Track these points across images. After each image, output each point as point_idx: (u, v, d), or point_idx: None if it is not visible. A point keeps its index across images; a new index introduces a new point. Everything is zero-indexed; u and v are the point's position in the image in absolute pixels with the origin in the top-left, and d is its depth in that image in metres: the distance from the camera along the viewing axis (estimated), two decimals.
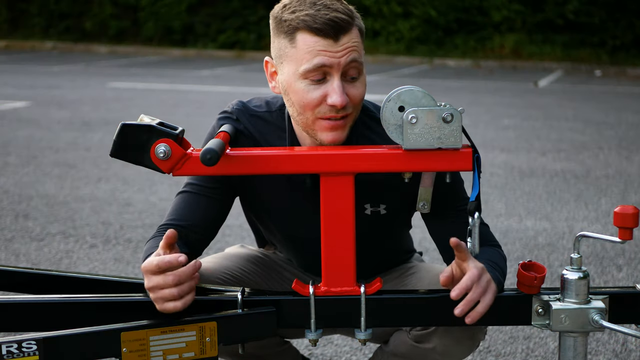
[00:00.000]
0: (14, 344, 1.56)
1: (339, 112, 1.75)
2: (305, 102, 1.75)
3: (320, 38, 1.71)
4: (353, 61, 1.74)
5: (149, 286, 1.64)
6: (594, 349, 3.01)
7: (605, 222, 4.79)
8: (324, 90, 1.74)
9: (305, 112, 1.77)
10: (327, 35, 1.71)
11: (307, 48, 1.72)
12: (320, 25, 1.71)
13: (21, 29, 19.55)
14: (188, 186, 1.90)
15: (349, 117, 1.78)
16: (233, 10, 18.24)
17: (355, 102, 1.77)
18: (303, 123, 1.80)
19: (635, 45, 16.09)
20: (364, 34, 1.81)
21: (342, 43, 1.72)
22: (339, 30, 1.72)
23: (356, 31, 1.76)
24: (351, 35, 1.74)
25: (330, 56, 1.72)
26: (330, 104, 1.73)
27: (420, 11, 17.06)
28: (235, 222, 4.31)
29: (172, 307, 1.64)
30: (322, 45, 1.71)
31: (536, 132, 8.00)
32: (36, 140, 7.15)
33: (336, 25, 1.71)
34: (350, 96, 1.76)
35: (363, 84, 1.79)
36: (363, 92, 1.79)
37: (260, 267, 2.10)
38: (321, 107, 1.75)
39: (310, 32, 1.71)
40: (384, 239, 2.02)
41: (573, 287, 1.70)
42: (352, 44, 1.74)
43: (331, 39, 1.71)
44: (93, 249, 4.16)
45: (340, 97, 1.72)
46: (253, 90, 10.40)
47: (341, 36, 1.72)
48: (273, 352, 2.16)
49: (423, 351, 1.95)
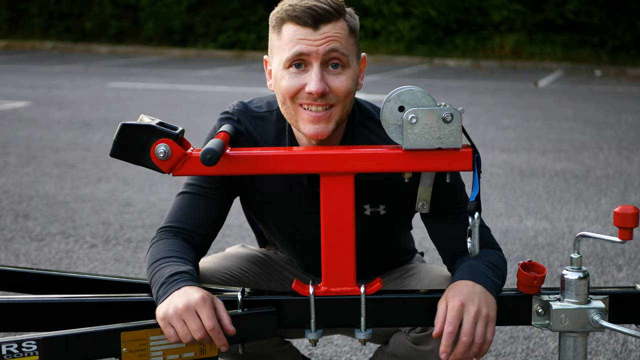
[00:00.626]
0: (14, 344, 1.56)
1: (317, 100, 1.75)
2: (285, 90, 1.76)
3: (299, 27, 1.74)
4: (333, 50, 1.74)
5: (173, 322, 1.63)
6: (594, 349, 3.01)
7: (605, 222, 4.79)
8: (304, 80, 1.75)
9: (287, 101, 1.78)
10: (306, 23, 1.73)
11: (289, 38, 1.75)
12: (298, 12, 1.73)
13: (21, 29, 19.55)
14: (188, 187, 1.90)
15: (334, 110, 1.77)
16: (233, 10, 18.24)
17: (338, 93, 1.76)
18: (287, 114, 1.81)
19: (635, 45, 16.09)
20: (354, 30, 1.80)
21: (322, 32, 1.73)
22: (318, 19, 1.73)
23: (342, 24, 1.76)
24: (334, 26, 1.74)
25: (308, 44, 1.73)
26: (307, 90, 1.74)
27: (420, 11, 17.06)
28: (235, 222, 4.31)
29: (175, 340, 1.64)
30: (302, 34, 1.74)
31: (536, 132, 8.00)
32: (36, 140, 7.15)
33: (314, 12, 1.73)
34: (332, 87, 1.75)
35: (350, 78, 1.77)
36: (348, 85, 1.77)
37: (261, 267, 2.10)
38: (301, 94, 1.76)
39: (292, 21, 1.74)
40: (383, 240, 2.02)
41: (573, 287, 1.70)
42: (334, 34, 1.74)
43: (310, 27, 1.73)
44: (93, 249, 4.16)
45: (317, 84, 1.73)
46: (253, 90, 10.40)
47: (321, 25, 1.73)
48: (273, 352, 2.16)
49: (422, 353, 1.95)
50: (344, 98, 1.77)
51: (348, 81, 1.77)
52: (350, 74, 1.78)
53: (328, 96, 1.75)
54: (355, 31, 1.80)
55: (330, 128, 1.78)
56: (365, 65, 1.88)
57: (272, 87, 1.85)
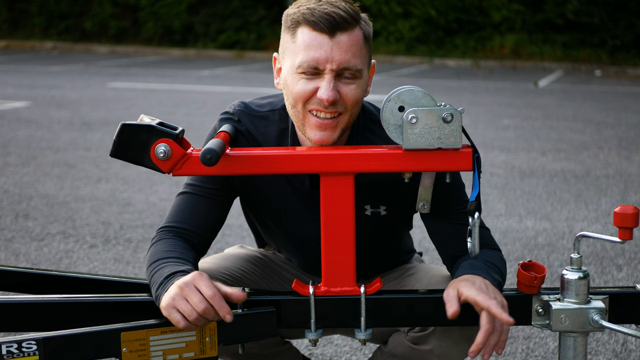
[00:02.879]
0: (14, 344, 1.56)
1: (328, 108, 1.75)
2: (297, 94, 1.76)
3: (317, 33, 1.73)
4: (347, 67, 1.73)
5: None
6: (594, 349, 3.01)
7: (605, 222, 4.79)
8: (316, 85, 1.75)
9: (297, 105, 1.78)
10: (322, 29, 1.72)
11: (304, 43, 1.74)
12: (316, 18, 1.72)
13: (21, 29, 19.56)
14: (188, 187, 1.90)
15: (341, 119, 1.77)
16: (233, 10, 18.24)
17: (347, 102, 1.76)
18: (295, 117, 1.81)
19: (635, 45, 16.09)
20: (368, 39, 1.79)
21: (339, 41, 1.73)
22: (336, 26, 1.72)
23: (358, 33, 1.75)
24: (350, 35, 1.74)
25: (323, 55, 1.72)
26: (319, 97, 1.74)
27: (420, 11, 17.07)
28: (235, 222, 4.32)
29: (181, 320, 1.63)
30: (318, 42, 1.73)
31: (536, 132, 8.00)
32: (36, 140, 7.15)
33: (332, 19, 1.72)
34: (342, 95, 1.75)
35: (360, 87, 1.78)
36: (358, 95, 1.78)
37: (260, 267, 2.10)
38: (311, 100, 1.76)
39: (308, 26, 1.73)
40: (384, 240, 2.02)
41: (573, 287, 1.70)
42: (349, 46, 1.73)
43: (327, 35, 1.72)
44: (93, 249, 4.16)
45: (329, 92, 1.73)
46: (253, 90, 10.40)
47: (337, 32, 1.73)
48: (273, 352, 2.16)
49: (420, 353, 1.95)
50: (352, 107, 1.78)
51: (358, 90, 1.78)
52: (361, 84, 1.78)
53: (337, 104, 1.76)
54: (369, 39, 1.80)
55: (335, 136, 1.78)
56: (374, 72, 1.88)
57: (280, 86, 1.85)
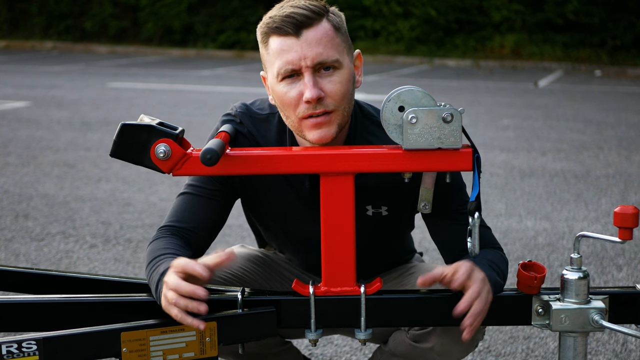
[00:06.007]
0: (14, 344, 1.56)
1: (316, 107, 1.74)
2: (285, 104, 1.77)
3: (284, 37, 1.74)
4: (320, 56, 1.73)
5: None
6: (594, 349, 3.01)
7: (605, 222, 4.79)
8: (300, 89, 1.75)
9: (290, 115, 1.78)
10: (288, 32, 1.73)
11: (276, 50, 1.75)
12: (279, 23, 1.74)
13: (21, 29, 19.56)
14: (189, 187, 1.90)
15: (333, 114, 1.77)
16: (233, 10, 18.25)
17: (333, 96, 1.75)
18: (292, 126, 1.81)
19: (635, 45, 16.09)
20: (339, 28, 1.78)
21: (306, 38, 1.73)
22: (299, 25, 1.73)
23: (325, 25, 1.75)
24: (317, 29, 1.73)
25: (294, 55, 1.73)
26: (305, 99, 1.74)
27: (420, 11, 17.07)
28: (235, 222, 4.32)
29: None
30: (286, 45, 1.73)
31: (536, 132, 8.00)
32: (36, 140, 7.15)
33: (293, 20, 1.72)
34: (326, 90, 1.75)
35: (344, 78, 1.76)
36: (343, 87, 1.76)
37: (261, 266, 2.10)
38: (300, 106, 1.76)
39: (274, 33, 1.75)
40: (385, 240, 2.02)
41: (573, 287, 1.70)
42: (318, 38, 1.73)
43: (292, 36, 1.73)
44: (93, 249, 4.16)
45: (312, 90, 1.72)
46: (253, 90, 10.40)
47: (303, 31, 1.73)
48: (273, 352, 2.16)
49: (421, 351, 1.95)
50: (340, 101, 1.77)
51: (342, 82, 1.76)
52: (344, 74, 1.77)
53: (325, 102, 1.75)
54: (340, 29, 1.79)
55: (332, 131, 1.78)
56: (362, 61, 1.87)
57: (273, 101, 1.85)
